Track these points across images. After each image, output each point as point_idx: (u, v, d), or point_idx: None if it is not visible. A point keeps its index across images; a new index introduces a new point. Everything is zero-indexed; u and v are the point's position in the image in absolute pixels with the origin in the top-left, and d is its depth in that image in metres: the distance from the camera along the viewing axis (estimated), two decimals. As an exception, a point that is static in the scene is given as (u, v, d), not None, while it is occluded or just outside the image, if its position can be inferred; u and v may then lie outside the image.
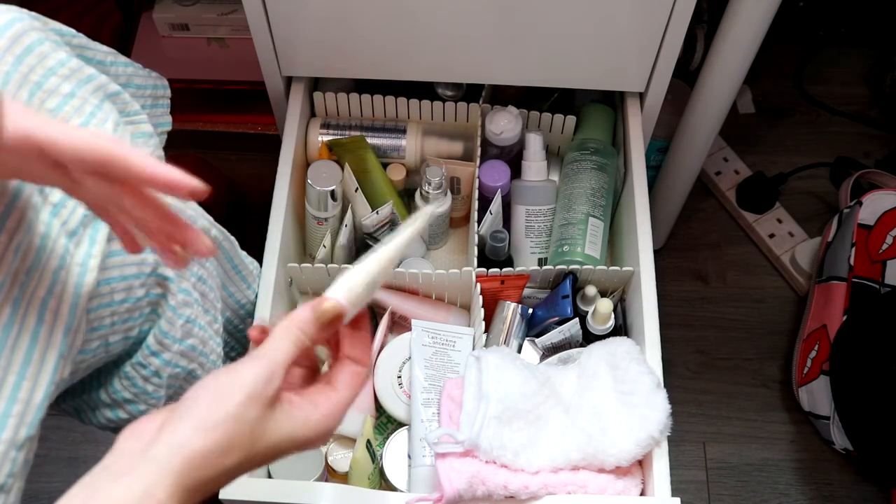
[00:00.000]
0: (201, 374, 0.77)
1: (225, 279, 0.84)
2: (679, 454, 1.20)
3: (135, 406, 0.73)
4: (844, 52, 1.52)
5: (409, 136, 1.00)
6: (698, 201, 1.39)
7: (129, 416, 0.73)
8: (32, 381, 0.55)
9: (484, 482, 0.74)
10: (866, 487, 1.19)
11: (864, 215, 1.20)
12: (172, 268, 0.63)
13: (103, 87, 0.68)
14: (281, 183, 0.91)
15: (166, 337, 0.70)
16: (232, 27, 1.28)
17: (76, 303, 0.59)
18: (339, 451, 0.90)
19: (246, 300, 0.88)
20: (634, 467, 0.78)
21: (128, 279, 0.66)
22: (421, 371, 0.88)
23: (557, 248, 0.95)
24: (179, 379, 0.75)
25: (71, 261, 0.60)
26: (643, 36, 0.88)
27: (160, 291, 0.69)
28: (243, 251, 0.86)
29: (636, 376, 0.78)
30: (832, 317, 1.17)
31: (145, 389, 0.72)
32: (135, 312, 0.68)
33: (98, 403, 0.73)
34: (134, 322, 0.68)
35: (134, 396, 0.72)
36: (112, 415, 0.73)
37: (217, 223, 0.79)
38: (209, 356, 0.78)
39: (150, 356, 0.70)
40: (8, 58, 0.59)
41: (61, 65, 0.63)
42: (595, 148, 0.99)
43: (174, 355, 0.72)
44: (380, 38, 0.90)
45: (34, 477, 1.13)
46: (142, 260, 0.66)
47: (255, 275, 0.88)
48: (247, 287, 0.87)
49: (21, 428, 0.54)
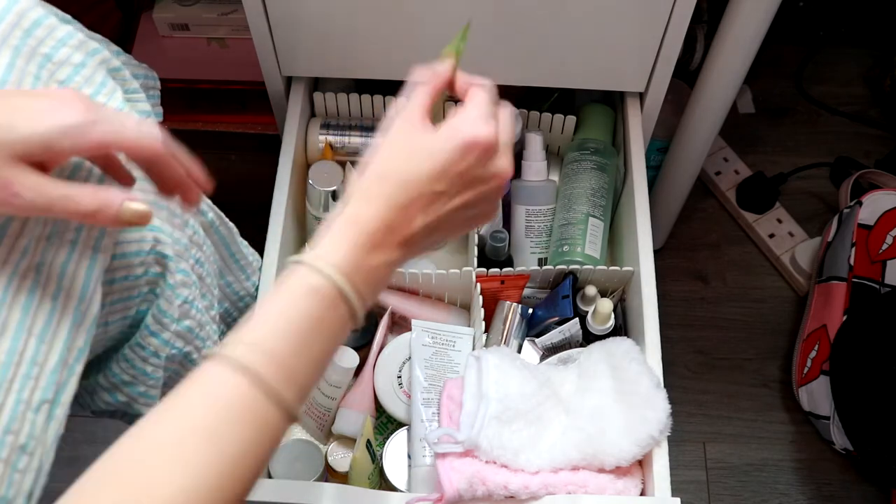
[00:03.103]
0: (196, 358, 0.77)
1: (223, 267, 0.84)
2: (679, 454, 1.20)
3: (133, 388, 0.73)
4: (844, 52, 1.52)
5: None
6: (698, 201, 1.39)
7: (127, 399, 0.73)
8: (49, 345, 0.56)
9: (484, 482, 0.74)
10: (866, 487, 1.18)
11: (864, 215, 1.20)
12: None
13: (107, 61, 0.68)
14: (281, 183, 0.91)
15: (165, 316, 0.71)
16: (232, 27, 1.28)
17: (90, 275, 0.60)
18: (339, 451, 0.90)
19: (245, 292, 0.88)
20: (634, 467, 0.78)
21: (127, 257, 0.66)
22: (421, 371, 0.88)
23: (557, 248, 0.95)
24: (175, 362, 0.76)
25: (88, 234, 0.60)
26: (643, 36, 0.88)
27: (159, 270, 0.69)
28: (244, 241, 0.86)
29: (636, 376, 0.78)
30: (832, 317, 1.17)
31: (144, 370, 0.72)
32: (133, 291, 0.68)
33: (96, 388, 0.73)
34: (132, 301, 0.68)
35: (132, 378, 0.72)
36: (110, 398, 0.73)
37: (215, 207, 0.79)
38: (206, 341, 0.78)
39: (149, 336, 0.71)
40: (17, 32, 0.59)
41: (70, 36, 0.63)
42: (595, 148, 0.99)
43: (172, 335, 0.72)
44: (380, 38, 0.90)
45: (34, 477, 1.12)
46: (141, 237, 0.67)
47: (256, 267, 0.88)
48: (245, 279, 0.87)
49: (36, 391, 0.55)
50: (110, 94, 0.65)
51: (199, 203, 0.62)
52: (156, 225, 0.68)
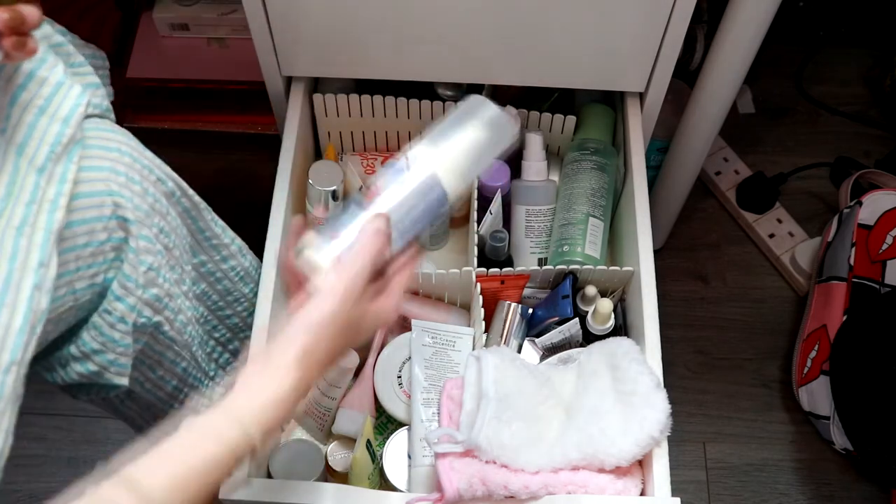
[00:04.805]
0: (168, 330, 0.79)
1: (193, 244, 0.85)
2: (679, 454, 1.20)
3: (103, 356, 0.74)
4: (844, 52, 1.52)
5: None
6: (698, 201, 1.39)
7: (98, 369, 0.74)
8: (11, 308, 0.58)
9: (484, 482, 0.74)
10: (866, 487, 1.19)
11: (864, 215, 1.20)
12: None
13: (47, 37, 0.70)
14: (281, 183, 0.91)
15: (129, 280, 0.72)
16: (232, 27, 1.28)
17: (47, 238, 0.62)
18: (339, 451, 0.90)
19: (222, 274, 0.88)
20: (634, 467, 0.78)
21: (89, 222, 0.68)
22: (421, 371, 0.88)
23: (557, 248, 0.95)
24: (146, 333, 0.77)
25: (42, 196, 0.63)
26: (643, 36, 0.88)
27: (122, 235, 0.71)
28: (221, 221, 0.87)
29: (636, 376, 0.78)
30: (832, 317, 1.17)
31: (112, 337, 0.73)
32: (98, 257, 0.70)
33: (69, 359, 0.74)
34: (98, 268, 0.70)
35: (102, 346, 0.73)
36: (82, 368, 0.74)
37: (175, 176, 0.80)
38: (177, 315, 0.79)
39: (115, 301, 0.72)
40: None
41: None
42: (595, 148, 0.99)
43: (138, 301, 0.74)
44: (380, 38, 0.90)
45: (34, 477, 1.13)
46: (101, 202, 0.69)
47: (235, 251, 0.88)
48: (221, 260, 0.88)
49: (3, 353, 0.57)
50: (51, 68, 0.67)
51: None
52: (114, 189, 0.70)
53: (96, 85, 0.75)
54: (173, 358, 0.82)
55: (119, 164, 0.72)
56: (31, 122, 0.65)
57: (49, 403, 1.17)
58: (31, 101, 0.65)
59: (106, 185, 0.70)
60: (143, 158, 0.75)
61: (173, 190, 0.79)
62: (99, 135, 0.72)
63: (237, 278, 0.90)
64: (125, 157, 0.73)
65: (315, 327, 0.57)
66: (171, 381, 0.84)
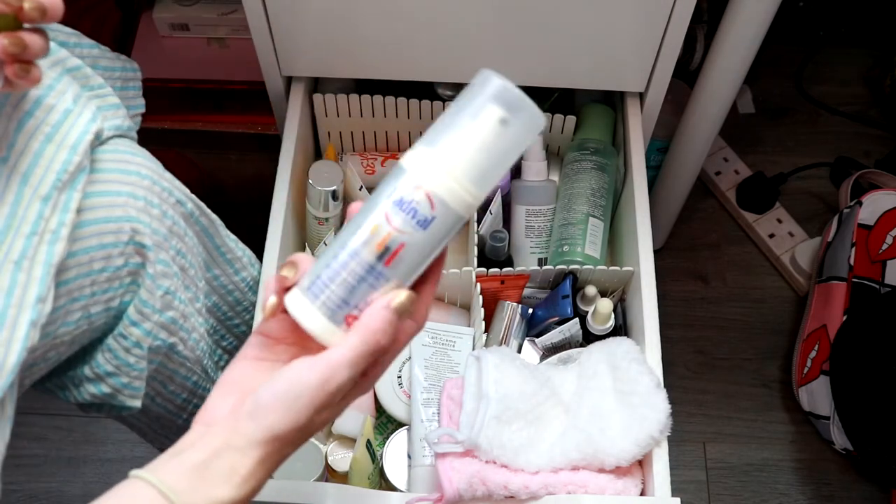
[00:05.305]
0: (182, 350, 0.77)
1: (208, 259, 0.84)
2: (679, 454, 1.20)
3: (117, 379, 0.73)
4: (844, 52, 1.52)
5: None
6: (698, 201, 1.40)
7: (111, 391, 0.73)
8: (5, 347, 0.56)
9: (484, 482, 0.74)
10: (866, 487, 1.19)
11: (864, 215, 1.20)
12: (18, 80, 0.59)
13: (62, 61, 0.68)
14: (281, 183, 0.91)
15: (146, 306, 0.71)
16: (232, 27, 1.28)
17: (47, 271, 0.60)
18: (339, 451, 0.90)
19: (234, 286, 0.87)
20: (634, 467, 0.78)
21: (106, 248, 0.66)
22: (421, 371, 0.88)
23: (557, 248, 0.95)
24: (160, 354, 0.76)
25: (45, 227, 0.61)
26: (643, 36, 0.88)
27: (139, 261, 0.70)
28: (234, 236, 0.86)
29: (636, 376, 0.78)
30: (832, 317, 1.17)
31: (127, 361, 0.72)
32: (115, 282, 0.68)
33: (82, 379, 0.73)
34: (114, 292, 0.69)
35: (116, 369, 0.72)
36: (95, 389, 0.73)
37: (194, 197, 0.79)
38: (190, 333, 0.78)
39: (131, 326, 0.71)
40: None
41: None
42: (595, 148, 0.99)
43: (154, 325, 0.72)
44: (380, 38, 0.90)
45: (34, 477, 1.13)
46: (118, 228, 0.67)
47: (246, 262, 0.88)
48: (234, 273, 0.87)
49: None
50: (60, 94, 0.65)
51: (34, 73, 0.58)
52: (132, 215, 0.69)
53: (117, 105, 0.73)
54: (185, 374, 0.81)
55: (138, 187, 0.70)
56: (37, 150, 0.63)
57: (49, 403, 1.17)
58: (38, 129, 0.63)
59: (124, 210, 0.69)
60: (163, 181, 0.74)
61: (192, 211, 0.78)
62: (117, 157, 0.71)
63: (247, 288, 0.89)
64: (144, 181, 0.71)
65: (305, 401, 0.48)
66: (181, 395, 0.83)
